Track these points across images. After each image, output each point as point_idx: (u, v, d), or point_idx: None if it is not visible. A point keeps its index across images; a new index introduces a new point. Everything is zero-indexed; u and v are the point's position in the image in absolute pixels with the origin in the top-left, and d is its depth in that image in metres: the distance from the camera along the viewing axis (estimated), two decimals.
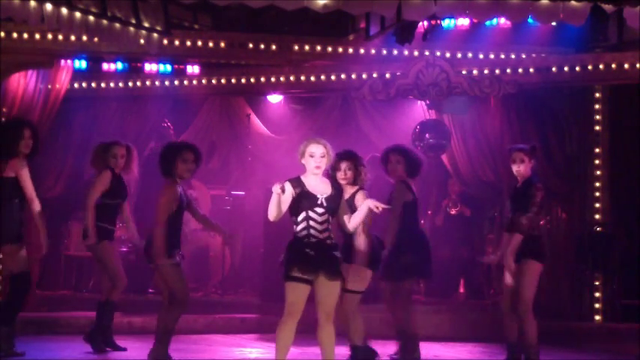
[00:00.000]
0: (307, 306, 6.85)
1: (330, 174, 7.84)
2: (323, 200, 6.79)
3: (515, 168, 8.52)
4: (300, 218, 6.78)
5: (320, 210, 6.77)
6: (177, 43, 11.08)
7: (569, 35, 11.36)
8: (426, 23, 10.93)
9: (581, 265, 11.72)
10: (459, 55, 11.67)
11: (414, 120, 12.73)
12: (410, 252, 8.70)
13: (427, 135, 12.46)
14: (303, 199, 6.77)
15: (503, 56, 11.62)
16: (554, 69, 11.49)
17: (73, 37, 10.85)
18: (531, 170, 8.49)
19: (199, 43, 11.25)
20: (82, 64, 11.82)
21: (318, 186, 6.85)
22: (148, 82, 12.22)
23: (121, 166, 9.38)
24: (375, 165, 12.02)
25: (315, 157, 6.86)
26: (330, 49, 11.54)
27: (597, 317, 11.65)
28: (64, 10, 8.75)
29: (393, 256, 8.55)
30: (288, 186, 6.79)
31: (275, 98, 13.38)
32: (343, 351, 8.23)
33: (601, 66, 11.37)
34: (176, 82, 12.21)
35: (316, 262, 6.74)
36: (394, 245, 8.59)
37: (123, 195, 9.39)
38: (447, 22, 11.47)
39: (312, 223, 6.75)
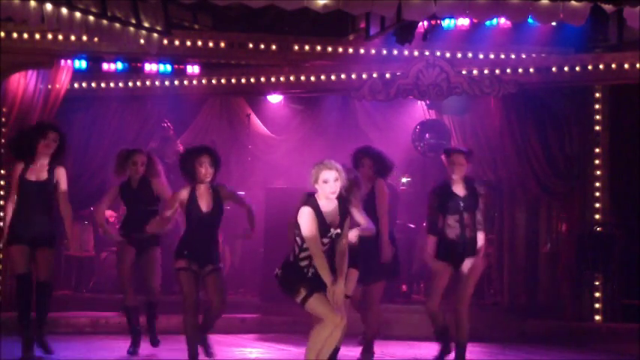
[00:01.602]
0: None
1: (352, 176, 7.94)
2: (334, 234, 6.77)
3: (455, 169, 8.69)
4: (305, 246, 6.75)
5: (326, 240, 6.75)
6: (177, 43, 11.09)
7: (569, 35, 11.36)
8: (426, 23, 10.94)
9: (581, 265, 11.71)
10: (459, 55, 11.67)
11: (414, 120, 12.74)
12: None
13: (427, 135, 12.47)
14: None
15: (503, 56, 11.62)
16: (554, 69, 11.49)
17: (73, 37, 10.86)
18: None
19: (199, 43, 11.25)
20: (82, 64, 11.81)
21: (332, 213, 6.78)
22: (148, 82, 12.21)
23: (140, 173, 9.39)
24: None
25: (329, 183, 6.73)
26: (330, 49, 11.54)
27: (597, 317, 11.64)
28: (64, 10, 8.75)
29: (372, 257, 8.56)
30: (311, 213, 6.69)
31: (275, 98, 13.38)
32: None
33: (601, 66, 11.37)
34: (176, 82, 12.20)
35: (318, 283, 6.78)
36: (371, 247, 8.57)
37: (145, 201, 9.38)
38: (447, 22, 11.46)
39: None
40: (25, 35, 10.86)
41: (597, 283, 11.71)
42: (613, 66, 11.33)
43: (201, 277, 8.31)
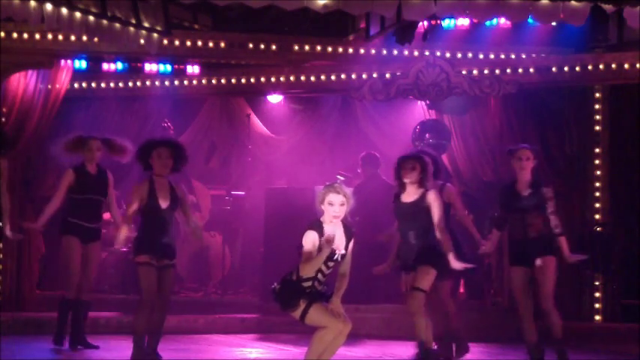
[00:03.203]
0: None
1: (395, 176, 8.32)
2: (339, 257, 6.81)
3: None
4: None
5: (331, 264, 6.79)
6: (177, 43, 11.09)
7: (569, 35, 11.35)
8: (426, 23, 10.94)
9: (581, 265, 11.70)
10: (459, 55, 11.67)
11: (414, 120, 12.73)
12: None
13: (427, 135, 12.45)
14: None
15: (503, 56, 11.62)
16: (554, 69, 11.49)
17: (73, 37, 10.86)
18: None
19: (199, 43, 11.25)
20: (82, 64, 11.82)
21: (337, 236, 6.81)
22: (147, 82, 12.22)
23: (96, 159, 9.39)
24: (371, 163, 12.05)
25: (334, 206, 6.74)
26: (330, 49, 11.54)
27: (597, 317, 11.65)
28: (64, 10, 8.77)
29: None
30: (315, 235, 6.73)
31: (275, 98, 13.38)
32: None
33: (601, 66, 11.38)
34: (176, 82, 12.21)
35: (317, 297, 6.84)
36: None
37: (96, 191, 9.37)
38: (447, 22, 11.46)
39: (319, 276, 6.77)
40: (25, 35, 10.86)
41: (597, 283, 11.72)
42: (613, 66, 11.33)
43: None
